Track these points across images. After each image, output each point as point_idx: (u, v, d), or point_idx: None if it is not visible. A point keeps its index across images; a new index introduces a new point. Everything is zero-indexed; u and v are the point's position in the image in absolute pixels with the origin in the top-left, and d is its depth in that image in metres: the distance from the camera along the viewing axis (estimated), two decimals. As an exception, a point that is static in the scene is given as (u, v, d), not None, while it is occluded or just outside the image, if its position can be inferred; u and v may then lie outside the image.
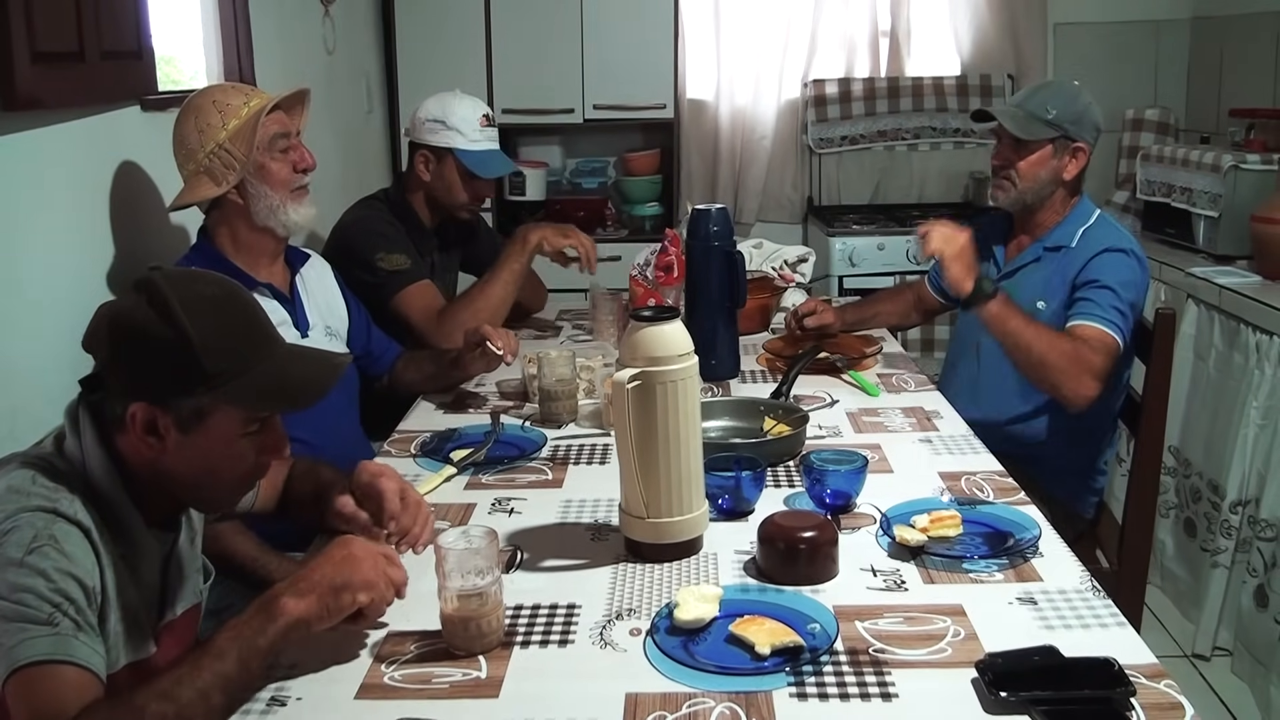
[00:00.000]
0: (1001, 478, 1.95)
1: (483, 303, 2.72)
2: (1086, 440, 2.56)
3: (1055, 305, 2.48)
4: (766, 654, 1.37)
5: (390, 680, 1.38)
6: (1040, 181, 2.53)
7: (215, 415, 1.41)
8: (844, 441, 2.13)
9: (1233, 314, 3.17)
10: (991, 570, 1.60)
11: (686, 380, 1.61)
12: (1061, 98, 2.54)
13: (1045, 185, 2.53)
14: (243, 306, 1.47)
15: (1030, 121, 2.52)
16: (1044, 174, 2.52)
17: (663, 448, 1.61)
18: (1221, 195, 3.50)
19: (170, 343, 1.37)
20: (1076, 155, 2.52)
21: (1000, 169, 2.58)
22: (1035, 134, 2.50)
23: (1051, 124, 2.49)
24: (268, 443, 1.49)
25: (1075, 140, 2.51)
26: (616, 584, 1.60)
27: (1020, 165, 2.52)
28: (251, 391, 1.42)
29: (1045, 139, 2.50)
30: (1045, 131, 2.50)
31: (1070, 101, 2.52)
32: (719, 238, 2.49)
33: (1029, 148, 2.51)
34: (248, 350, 1.43)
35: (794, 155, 4.70)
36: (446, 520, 1.84)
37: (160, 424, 1.40)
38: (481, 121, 2.84)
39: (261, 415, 1.46)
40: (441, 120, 2.82)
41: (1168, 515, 3.49)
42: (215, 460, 1.45)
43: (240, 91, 2.22)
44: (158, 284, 1.40)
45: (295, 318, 2.31)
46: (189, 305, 1.39)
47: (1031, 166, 2.52)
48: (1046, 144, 2.51)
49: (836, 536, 1.61)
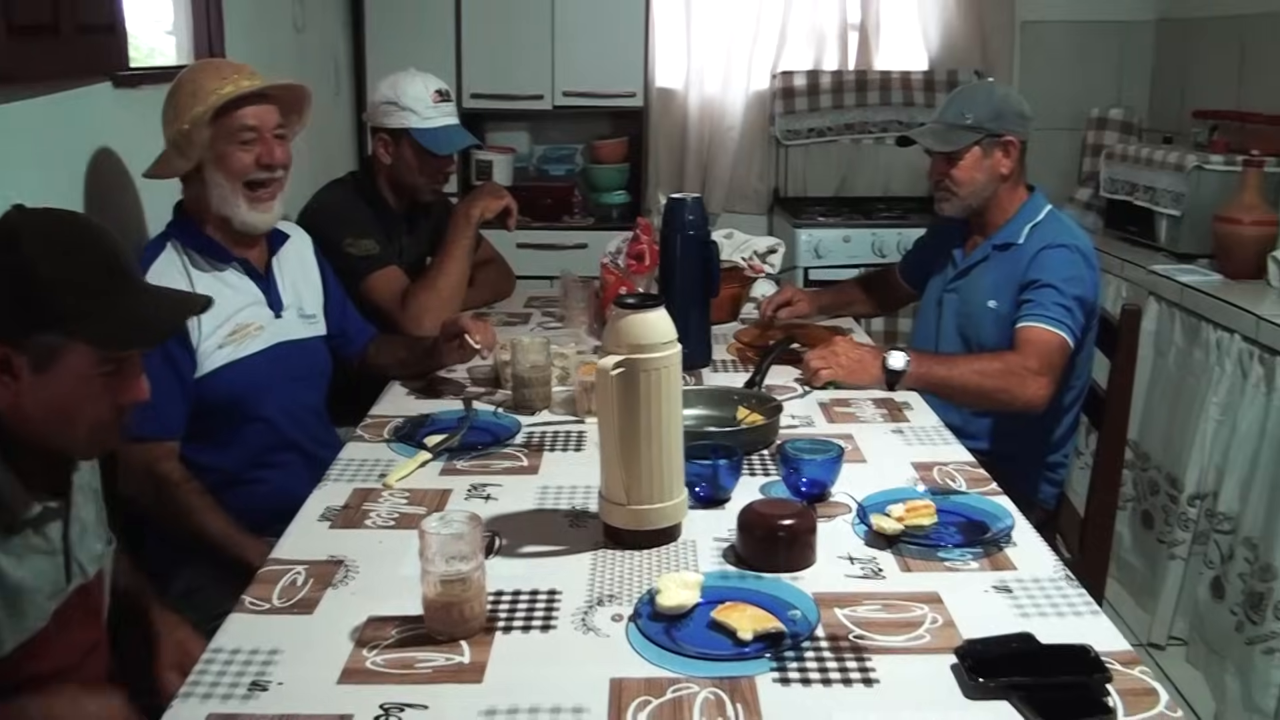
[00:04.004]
0: (973, 468, 1.98)
1: (443, 282, 2.73)
2: (1043, 435, 2.60)
3: (1006, 304, 2.51)
4: (749, 640, 1.38)
5: (372, 665, 1.38)
6: (979, 184, 2.56)
7: (68, 354, 1.42)
8: (816, 431, 2.15)
9: (1193, 311, 3.23)
10: (966, 559, 1.62)
11: (669, 368, 1.62)
12: (975, 100, 2.58)
13: (986, 186, 2.56)
14: (97, 244, 1.47)
15: (950, 132, 2.56)
16: (980, 176, 2.55)
17: (644, 435, 1.62)
18: (1184, 195, 3.55)
19: (17, 278, 1.37)
20: (1007, 149, 2.54)
21: (938, 183, 2.62)
22: (958, 142, 2.54)
23: (972, 128, 2.53)
24: (125, 384, 1.48)
25: (1000, 135, 2.53)
26: (597, 570, 1.61)
27: (954, 174, 2.56)
28: (103, 329, 1.42)
29: (969, 144, 2.53)
30: (967, 137, 2.53)
31: (985, 101, 2.56)
32: (695, 227, 2.50)
33: (958, 156, 2.55)
34: (100, 288, 1.43)
35: (762, 146, 4.71)
36: (423, 506, 1.84)
37: (15, 363, 1.40)
38: (434, 97, 2.82)
39: (115, 354, 1.46)
40: (394, 101, 2.80)
41: (1125, 508, 3.54)
42: (71, 401, 1.44)
43: (220, 74, 2.16)
44: (11, 221, 1.41)
45: (269, 297, 2.30)
46: (40, 242, 1.39)
47: (965, 173, 2.55)
48: (973, 148, 2.54)
49: (815, 525, 1.62)
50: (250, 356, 2.23)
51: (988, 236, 2.63)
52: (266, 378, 2.25)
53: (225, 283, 2.23)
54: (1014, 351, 2.37)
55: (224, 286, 2.22)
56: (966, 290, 2.63)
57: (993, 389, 2.34)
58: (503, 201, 2.84)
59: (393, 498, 1.89)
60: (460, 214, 2.81)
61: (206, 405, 2.17)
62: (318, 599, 1.55)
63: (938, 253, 2.79)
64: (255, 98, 2.17)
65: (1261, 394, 2.87)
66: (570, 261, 3.77)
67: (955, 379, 2.37)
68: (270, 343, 2.28)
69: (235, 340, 2.21)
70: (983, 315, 2.57)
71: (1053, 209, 2.61)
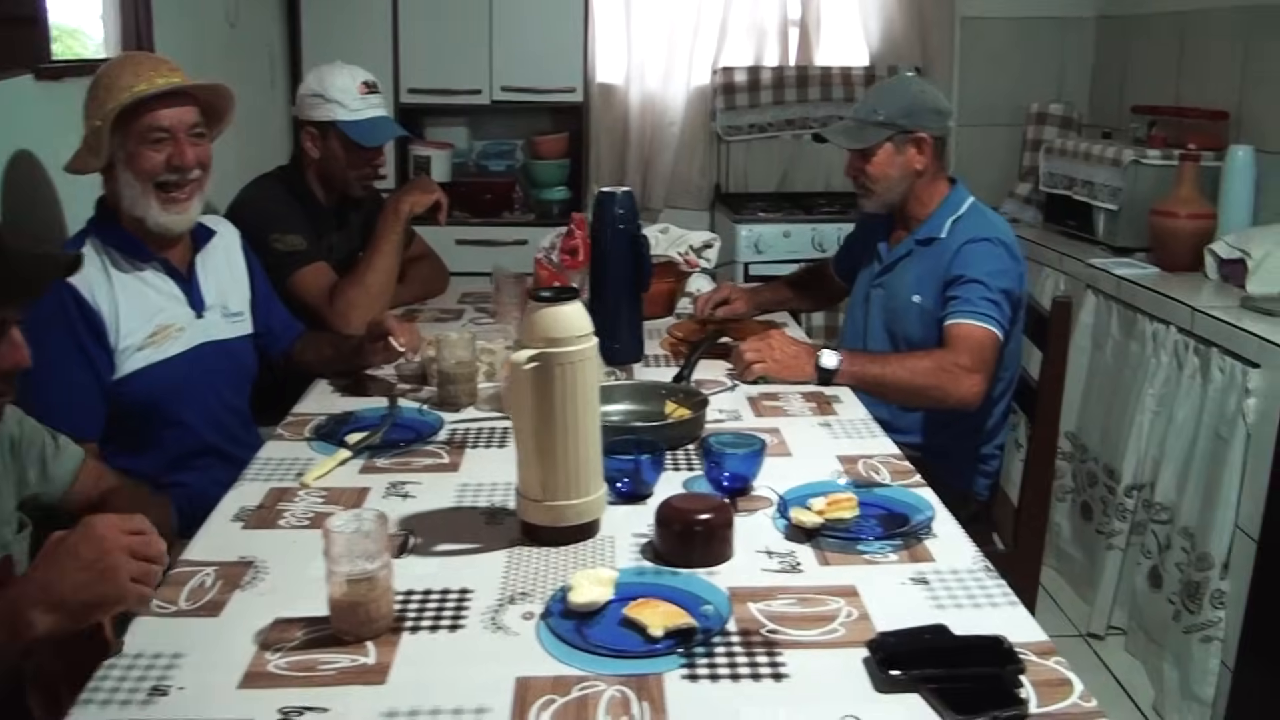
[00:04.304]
0: (899, 460, 1.97)
1: (371, 278, 2.68)
2: (973, 428, 2.60)
3: (930, 299, 2.51)
4: (659, 636, 1.36)
5: (275, 668, 1.34)
6: (892, 180, 2.57)
7: None
8: (743, 425, 2.13)
9: (1130, 304, 3.24)
10: (886, 551, 1.60)
11: (585, 362, 1.59)
12: (887, 96, 2.59)
13: (900, 181, 2.57)
14: None
15: (862, 129, 2.57)
16: (893, 172, 2.56)
17: (560, 430, 1.59)
18: (1122, 189, 3.56)
19: None
20: (920, 145, 2.54)
21: (855, 179, 2.63)
22: (868, 139, 2.55)
23: (883, 124, 2.54)
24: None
25: (912, 131, 2.53)
26: (511, 568, 1.58)
27: (868, 170, 2.57)
28: None
29: (881, 140, 2.54)
30: (879, 133, 2.54)
31: (897, 97, 2.57)
32: (625, 221, 2.47)
33: (870, 152, 2.56)
34: None
35: (703, 142, 4.68)
36: (340, 505, 1.80)
37: None
38: (361, 89, 2.77)
39: None
40: (320, 94, 2.75)
41: (1065, 499, 3.56)
42: None
43: (137, 70, 2.10)
44: None
45: (191, 297, 2.25)
46: None
47: (878, 169, 2.56)
48: (885, 144, 2.54)
49: (732, 519, 1.60)
50: (171, 359, 2.18)
51: (910, 231, 2.63)
52: (186, 380, 2.20)
53: (145, 282, 2.18)
54: (945, 349, 2.36)
55: (144, 286, 2.17)
56: (892, 285, 2.63)
57: (925, 386, 2.33)
58: (432, 196, 2.80)
59: (309, 497, 1.85)
60: (389, 209, 2.77)
61: (124, 408, 2.12)
62: (225, 601, 1.50)
63: (865, 247, 2.80)
64: (171, 97, 2.11)
65: (1197, 385, 2.87)
66: (510, 257, 3.73)
67: (888, 377, 2.36)
68: (191, 344, 2.23)
69: (155, 342, 2.16)
70: (908, 310, 2.57)
71: (975, 202, 2.60)
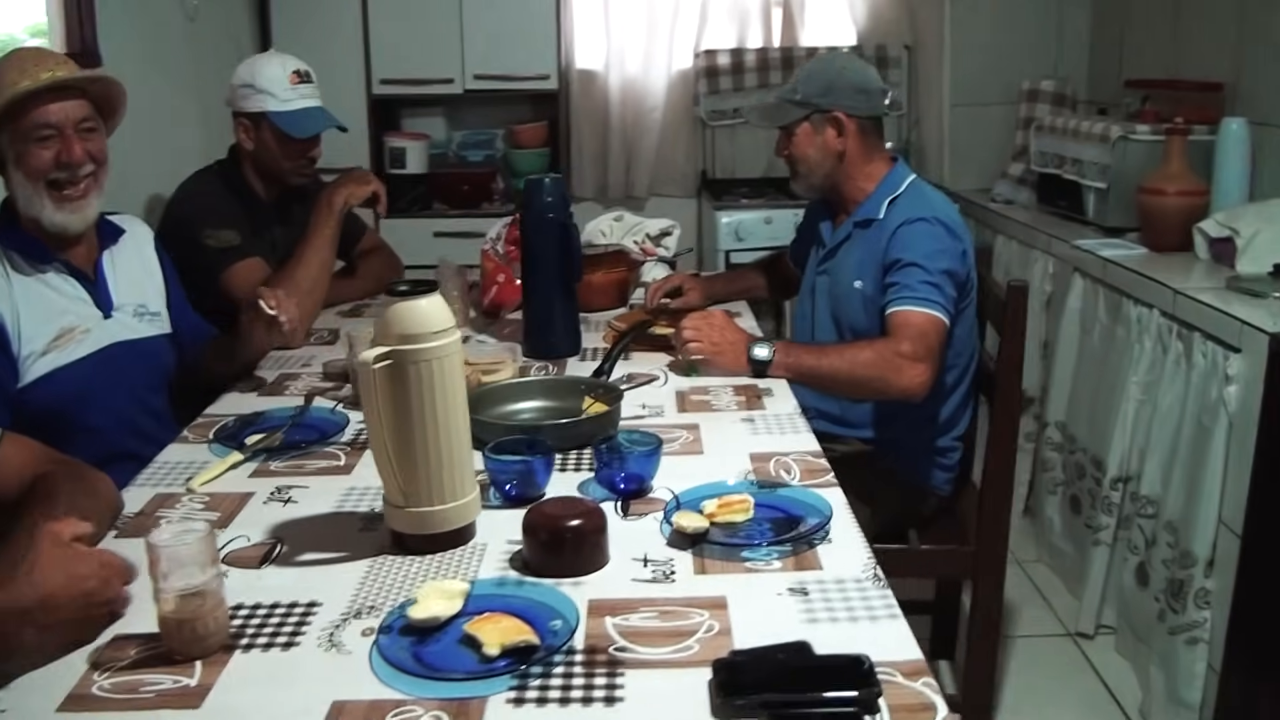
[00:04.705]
0: (814, 458, 1.84)
1: (302, 274, 2.56)
2: (927, 419, 2.47)
3: (871, 284, 2.38)
4: (495, 655, 1.25)
5: (99, 690, 1.25)
6: (814, 161, 2.47)
7: None
8: (662, 422, 2.01)
9: (1116, 287, 3.08)
10: (771, 558, 1.48)
11: (445, 359, 1.48)
12: (807, 74, 2.49)
13: (822, 162, 2.47)
14: None
15: (778, 109, 2.49)
16: (813, 152, 2.46)
17: (419, 432, 1.48)
18: (1110, 166, 3.40)
19: None
20: (839, 125, 2.43)
21: (785, 159, 2.54)
22: (783, 118, 2.47)
23: (800, 103, 2.45)
24: None
25: (828, 110, 2.42)
26: (369, 579, 1.47)
27: (791, 150, 2.49)
28: None
29: (796, 119, 2.45)
30: (793, 112, 2.45)
31: (817, 75, 2.46)
32: (553, 209, 2.36)
33: (790, 132, 2.47)
34: None
35: (687, 127, 4.57)
36: (218, 512, 1.71)
37: None
38: (292, 79, 2.68)
39: None
40: (251, 84, 2.66)
41: (1055, 492, 3.41)
42: None
43: (21, 66, 2.01)
44: None
45: (96, 297, 2.17)
46: None
47: (799, 149, 2.48)
48: (802, 123, 2.45)
49: (604, 525, 1.48)
50: (76, 362, 2.10)
51: (850, 214, 2.51)
52: (95, 383, 2.12)
53: (47, 284, 2.10)
54: (887, 338, 2.24)
55: (45, 289, 2.09)
56: (835, 271, 2.52)
57: (865, 378, 2.21)
58: (369, 187, 2.70)
59: (191, 503, 1.75)
60: (322, 202, 2.66)
61: (30, 416, 2.02)
62: (69, 616, 1.41)
63: (811, 233, 2.68)
64: (57, 91, 2.03)
65: (1181, 372, 2.72)
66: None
67: (824, 369, 2.24)
68: (98, 346, 2.15)
69: (60, 345, 2.08)
70: (850, 297, 2.44)
71: (915, 180, 2.48)
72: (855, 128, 2.44)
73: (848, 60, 2.57)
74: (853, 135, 2.43)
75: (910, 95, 4.57)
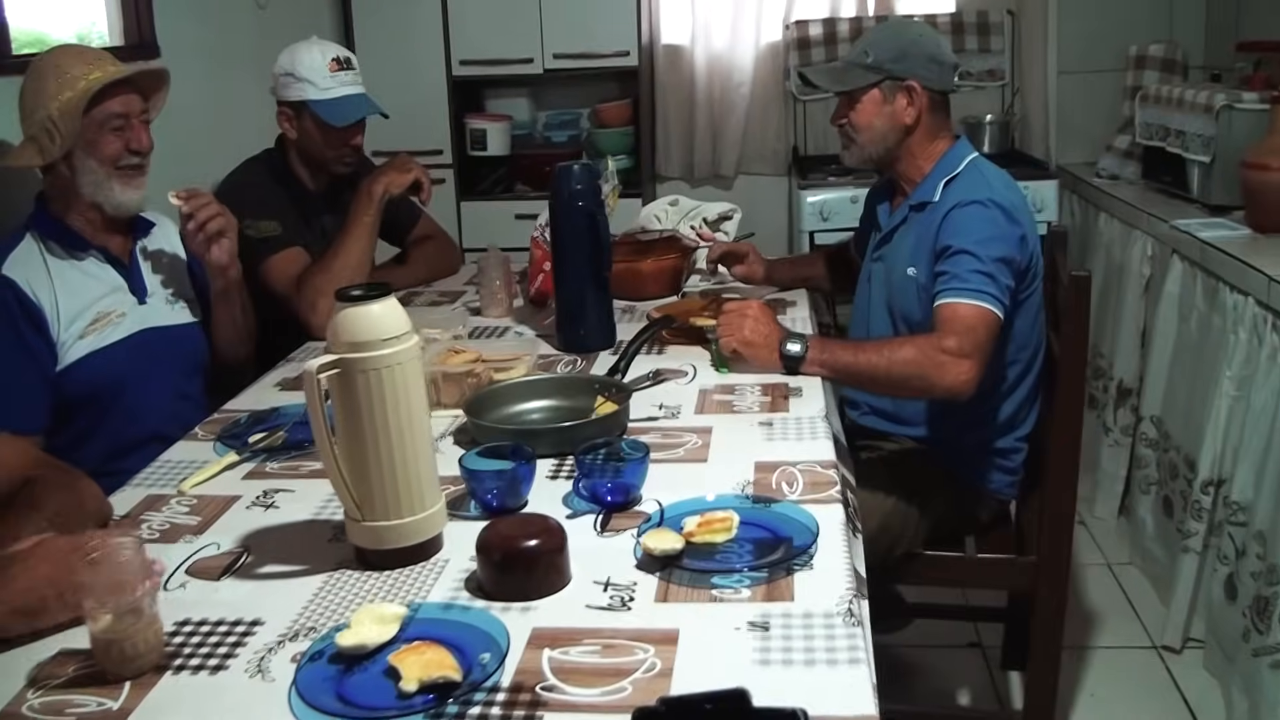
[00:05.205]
0: (823, 469, 1.70)
1: (339, 265, 2.52)
2: (987, 417, 2.29)
3: (924, 271, 2.20)
4: (412, 691, 1.16)
5: (28, 710, 1.21)
6: (878, 131, 2.28)
7: None
8: (675, 424, 1.90)
9: (1213, 272, 2.85)
10: (742, 586, 1.36)
11: (398, 366, 1.40)
12: (880, 38, 2.29)
13: (887, 134, 2.28)
14: None
15: (847, 71, 2.30)
16: (879, 122, 2.27)
17: (373, 444, 1.40)
18: (1214, 138, 3.15)
19: None
20: (911, 95, 2.24)
21: (840, 126, 2.35)
22: (853, 82, 2.27)
23: (871, 68, 2.25)
24: None
25: (902, 79, 2.24)
26: (320, 596, 1.41)
27: (852, 117, 2.29)
28: None
29: (867, 84, 2.25)
30: (865, 77, 2.25)
31: (891, 39, 2.27)
32: (583, 197, 2.26)
33: (856, 98, 2.28)
34: None
35: (777, 103, 4.40)
36: (200, 516, 1.67)
37: None
38: (331, 66, 2.62)
39: None
40: (291, 73, 2.61)
41: (1148, 492, 3.19)
42: None
43: (84, 60, 2.10)
44: None
45: (131, 283, 2.21)
46: None
47: (863, 117, 2.28)
48: (871, 89, 2.25)
49: (563, 545, 1.39)
50: (112, 345, 2.13)
51: (906, 196, 2.33)
52: (130, 366, 2.15)
53: (85, 272, 2.15)
54: (930, 333, 2.06)
55: (83, 276, 2.14)
56: (890, 257, 2.34)
57: (904, 376, 2.04)
58: (410, 175, 2.64)
59: (179, 506, 1.72)
60: (362, 191, 2.61)
61: (69, 398, 2.08)
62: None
63: (870, 217, 2.51)
64: (120, 85, 2.11)
65: (1277, 367, 2.50)
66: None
67: (861, 366, 2.07)
68: (133, 330, 2.18)
69: (97, 329, 2.12)
70: (905, 286, 2.27)
71: (976, 159, 2.28)
72: (926, 101, 2.26)
73: (922, 28, 2.38)
74: (924, 108, 2.26)
75: (1013, 64, 4.32)
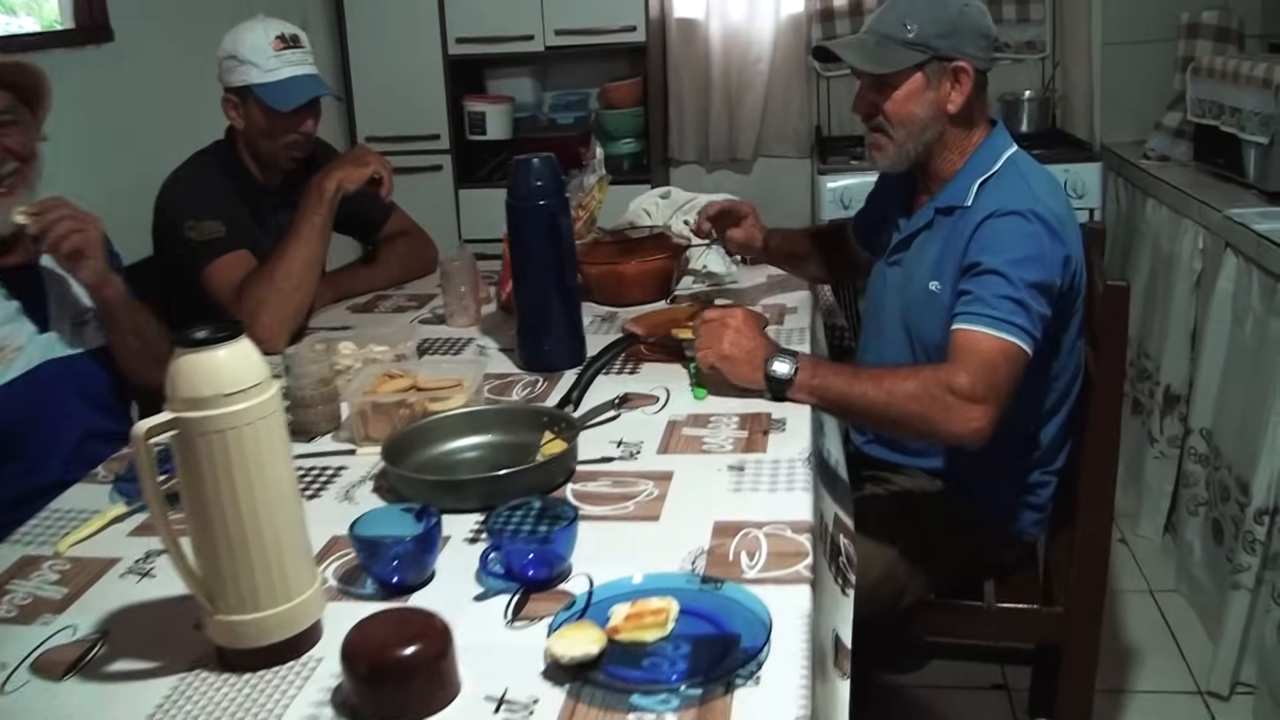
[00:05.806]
0: (795, 533, 1.41)
1: (283, 270, 2.24)
2: (1016, 448, 1.98)
3: (949, 289, 1.86)
4: None
5: None
6: (918, 123, 1.89)
7: None
8: (631, 468, 1.63)
9: (1271, 270, 2.53)
10: (667, 710, 1.09)
11: (247, 427, 1.13)
12: (921, 5, 1.88)
13: (928, 126, 1.90)
14: None
15: (884, 48, 1.88)
16: (921, 112, 1.88)
17: (219, 522, 1.15)
18: (1273, 116, 2.81)
19: None
20: (959, 78, 1.87)
21: (867, 117, 1.95)
22: (895, 63, 1.87)
23: (914, 45, 1.85)
24: None
25: (952, 59, 1.86)
26: (165, 708, 1.15)
27: (888, 108, 1.89)
28: None
29: (910, 66, 1.87)
30: (908, 57, 1.86)
31: (936, 8, 1.87)
32: (545, 195, 1.98)
33: (892, 82, 1.88)
34: None
35: (798, 80, 4.09)
36: (67, 587, 1.42)
37: None
38: (275, 45, 2.33)
39: None
40: (234, 55, 2.33)
41: (1196, 513, 2.87)
42: None
43: None
44: None
45: (30, 311, 1.93)
46: None
47: (902, 106, 1.88)
48: (914, 72, 1.87)
49: (446, 651, 1.12)
50: (9, 384, 1.87)
51: (932, 195, 1.98)
52: (30, 406, 1.89)
53: None
54: (943, 365, 1.73)
55: None
56: (909, 265, 2.00)
57: (905, 415, 1.71)
58: (367, 169, 2.35)
59: (50, 571, 1.47)
60: (312, 188, 2.32)
61: None
62: None
63: (886, 209, 2.15)
64: None
65: (1342, 382, 2.19)
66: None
67: (856, 397, 1.74)
68: (33, 363, 1.92)
69: None
70: (926, 303, 1.92)
71: (1016, 154, 1.92)
72: (973, 85, 1.90)
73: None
74: (970, 94, 1.90)
75: (1054, 34, 3.99)
